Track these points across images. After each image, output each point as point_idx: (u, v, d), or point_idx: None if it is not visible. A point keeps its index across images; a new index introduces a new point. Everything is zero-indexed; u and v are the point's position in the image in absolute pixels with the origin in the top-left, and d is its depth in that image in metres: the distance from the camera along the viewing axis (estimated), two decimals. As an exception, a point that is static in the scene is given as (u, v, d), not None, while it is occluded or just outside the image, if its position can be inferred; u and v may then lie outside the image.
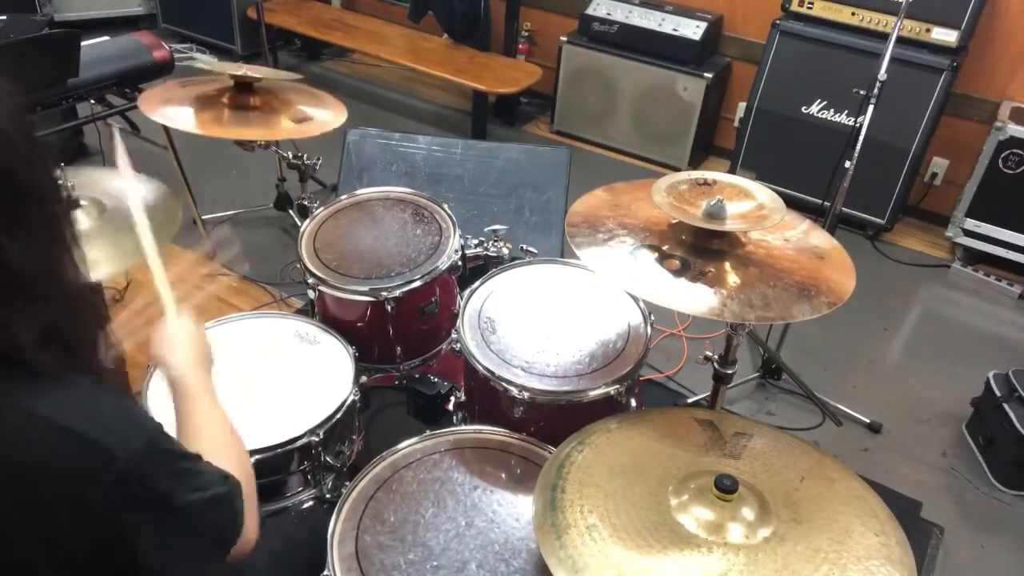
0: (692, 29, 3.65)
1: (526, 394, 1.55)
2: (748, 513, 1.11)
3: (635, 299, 1.77)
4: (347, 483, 1.37)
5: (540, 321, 1.72)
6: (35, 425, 0.78)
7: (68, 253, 0.85)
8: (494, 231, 2.08)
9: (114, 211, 1.74)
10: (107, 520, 0.80)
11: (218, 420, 1.09)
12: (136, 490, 0.81)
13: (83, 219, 1.64)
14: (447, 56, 4.12)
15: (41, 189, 0.81)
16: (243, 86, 2.38)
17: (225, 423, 1.10)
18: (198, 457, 0.92)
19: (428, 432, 1.48)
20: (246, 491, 0.97)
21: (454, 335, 1.69)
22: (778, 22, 3.37)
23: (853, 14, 3.22)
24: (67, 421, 0.79)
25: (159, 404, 1.51)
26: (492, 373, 1.58)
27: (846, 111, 3.30)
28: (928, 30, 3.08)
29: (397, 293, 1.79)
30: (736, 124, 3.85)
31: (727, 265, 1.41)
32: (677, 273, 1.38)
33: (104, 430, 0.80)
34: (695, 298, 1.33)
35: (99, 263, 1.65)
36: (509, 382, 1.56)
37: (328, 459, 1.58)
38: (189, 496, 0.87)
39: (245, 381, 1.60)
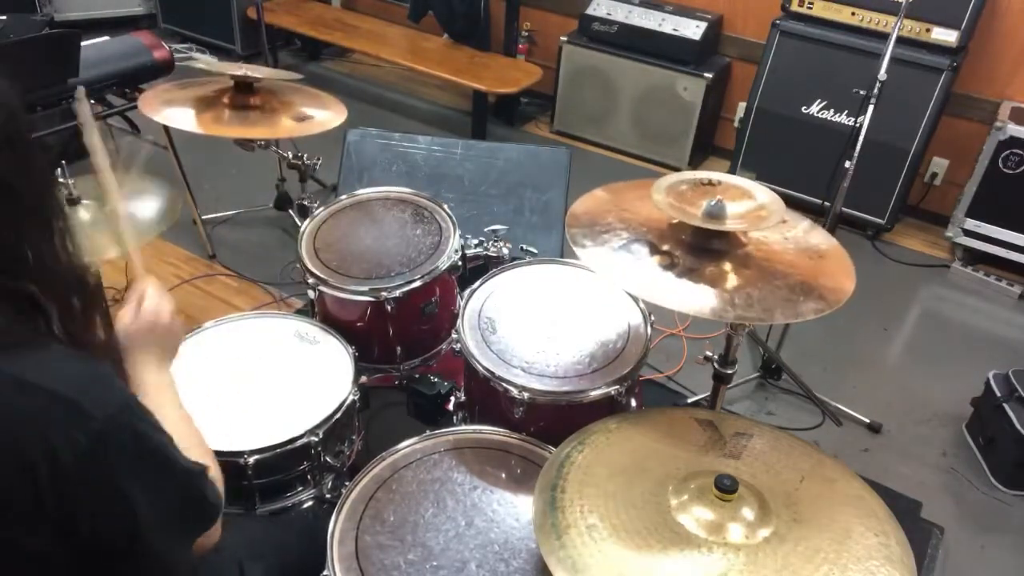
0: (692, 29, 3.65)
1: (526, 394, 1.55)
2: (748, 513, 1.11)
3: (635, 299, 1.77)
4: (347, 483, 1.38)
5: (540, 321, 1.72)
6: (8, 384, 0.78)
7: (54, 234, 0.86)
8: (494, 231, 2.08)
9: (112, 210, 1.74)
10: (81, 484, 0.80)
11: (180, 420, 1.07)
12: (109, 453, 0.81)
13: (83, 215, 1.65)
14: (447, 56, 4.13)
15: (17, 173, 0.82)
16: (243, 86, 2.38)
17: (188, 422, 1.08)
18: (170, 437, 0.91)
19: (428, 432, 1.48)
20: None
21: (454, 335, 1.69)
22: (778, 22, 3.37)
23: (853, 14, 3.22)
24: (42, 381, 0.79)
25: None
26: (492, 373, 1.58)
27: (846, 111, 3.30)
28: (928, 30, 3.08)
29: (397, 293, 1.79)
30: (736, 124, 3.85)
31: (727, 265, 1.41)
32: (676, 272, 1.38)
33: (78, 391, 0.80)
34: (695, 298, 1.33)
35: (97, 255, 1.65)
36: (509, 382, 1.56)
37: (328, 459, 1.58)
38: (164, 464, 0.87)
39: (245, 381, 1.60)
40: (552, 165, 2.61)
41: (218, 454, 1.41)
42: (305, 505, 1.58)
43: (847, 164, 2.20)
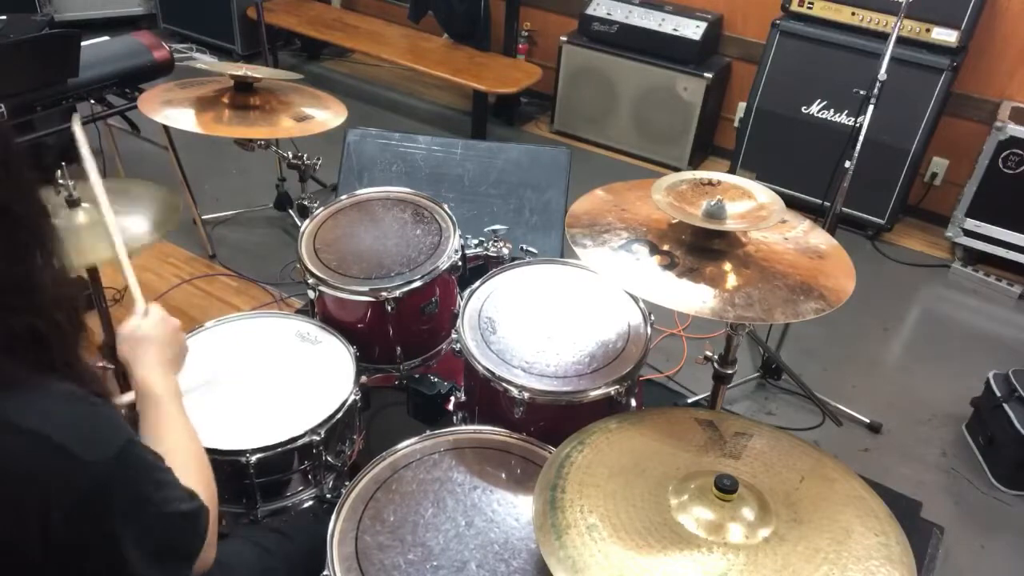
0: (692, 29, 3.65)
1: (526, 394, 1.55)
2: (748, 513, 1.11)
3: (635, 299, 1.77)
4: (347, 483, 1.38)
5: (540, 321, 1.72)
6: (6, 430, 0.78)
7: (46, 261, 0.85)
8: (494, 231, 2.08)
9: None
10: (76, 528, 0.80)
11: (183, 430, 1.08)
12: (105, 499, 0.81)
13: (83, 217, 1.64)
14: (447, 56, 4.13)
15: (13, 199, 0.81)
16: (243, 86, 2.38)
17: (190, 433, 1.09)
18: (168, 469, 0.92)
19: (428, 432, 1.48)
20: (209, 508, 0.97)
21: (454, 335, 1.69)
22: (778, 22, 3.37)
23: (853, 14, 3.23)
24: (40, 427, 0.79)
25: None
26: (492, 373, 1.58)
27: (846, 111, 3.31)
28: (928, 30, 3.09)
29: (397, 293, 1.79)
30: (736, 124, 3.85)
31: (727, 265, 1.41)
32: (676, 272, 1.38)
33: (76, 437, 0.80)
34: (695, 298, 1.33)
35: (97, 258, 1.65)
36: (509, 382, 1.56)
37: (329, 459, 1.58)
38: (156, 507, 0.88)
39: (245, 381, 1.60)
40: (552, 165, 2.61)
41: (219, 453, 1.42)
42: (306, 505, 1.58)
43: (847, 164, 2.20)
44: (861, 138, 2.18)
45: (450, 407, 1.79)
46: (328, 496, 1.59)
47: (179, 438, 1.05)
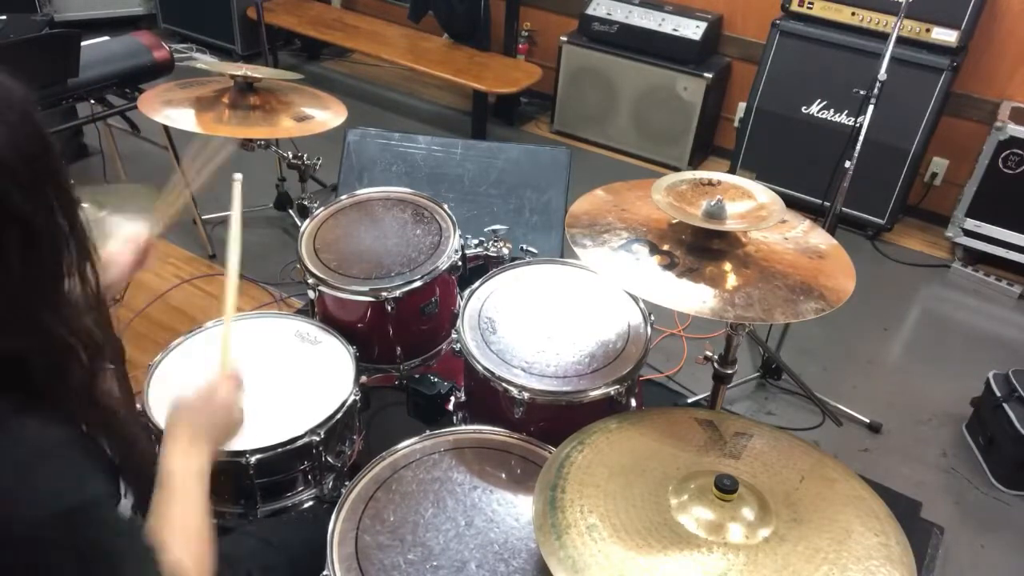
0: (692, 29, 3.65)
1: (526, 394, 1.55)
2: (748, 513, 1.11)
3: (635, 299, 1.77)
4: (347, 483, 1.38)
5: (540, 321, 1.72)
6: None
7: (58, 283, 0.79)
8: (494, 231, 2.08)
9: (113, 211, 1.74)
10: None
11: (191, 504, 1.00)
12: (38, 556, 0.74)
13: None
14: (447, 56, 4.13)
15: (32, 215, 0.75)
16: (243, 86, 2.38)
17: (198, 509, 1.00)
18: (147, 547, 0.84)
19: (428, 432, 1.48)
20: None
21: (454, 335, 1.69)
22: (778, 22, 3.37)
23: (853, 14, 3.23)
24: None
25: (159, 400, 1.52)
26: (492, 373, 1.58)
27: (846, 111, 3.31)
28: (928, 30, 3.09)
29: (397, 293, 1.79)
30: (736, 124, 3.85)
31: (727, 265, 1.41)
32: (676, 272, 1.38)
33: (25, 485, 0.74)
34: (695, 298, 1.33)
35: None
36: (509, 382, 1.56)
37: (329, 459, 1.58)
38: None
39: (245, 381, 1.60)
40: (552, 165, 2.61)
41: (219, 453, 1.42)
42: (305, 505, 1.58)
43: (847, 164, 2.20)
44: (861, 138, 2.18)
45: (450, 407, 1.79)
46: (328, 496, 1.59)
47: (184, 509, 0.98)
